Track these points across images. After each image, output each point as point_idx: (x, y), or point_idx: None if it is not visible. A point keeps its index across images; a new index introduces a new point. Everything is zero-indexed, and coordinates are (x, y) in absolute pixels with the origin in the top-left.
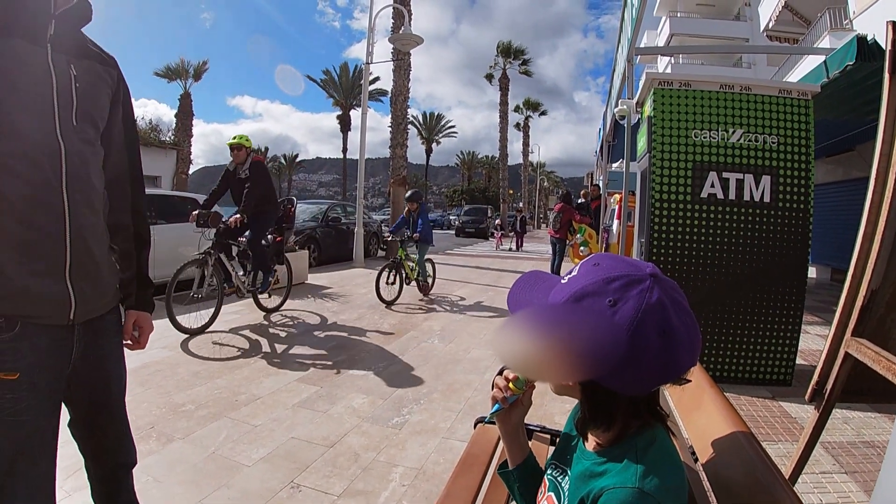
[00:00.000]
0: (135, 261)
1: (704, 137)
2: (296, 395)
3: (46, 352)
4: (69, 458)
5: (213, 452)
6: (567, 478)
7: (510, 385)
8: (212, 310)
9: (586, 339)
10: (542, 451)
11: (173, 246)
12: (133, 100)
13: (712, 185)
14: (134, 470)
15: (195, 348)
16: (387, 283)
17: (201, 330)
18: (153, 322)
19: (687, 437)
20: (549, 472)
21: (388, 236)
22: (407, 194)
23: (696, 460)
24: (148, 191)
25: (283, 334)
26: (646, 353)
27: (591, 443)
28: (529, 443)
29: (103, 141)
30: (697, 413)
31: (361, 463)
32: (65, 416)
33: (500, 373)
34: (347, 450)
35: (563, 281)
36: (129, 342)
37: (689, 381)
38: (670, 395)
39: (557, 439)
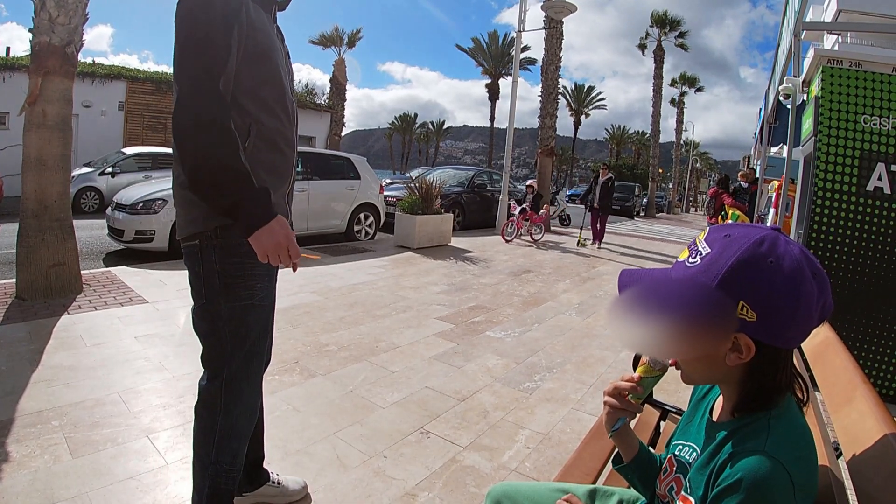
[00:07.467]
0: None
1: (874, 124)
2: (433, 348)
3: None
4: None
5: (351, 391)
6: (694, 452)
7: (639, 385)
8: None
9: (764, 298)
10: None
11: (326, 200)
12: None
13: (879, 178)
14: (276, 398)
15: (343, 296)
16: None
17: None
18: (314, 270)
19: (832, 431)
20: (675, 451)
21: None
22: None
23: (838, 456)
24: (305, 149)
25: (425, 291)
26: (809, 298)
27: (720, 413)
28: (664, 423)
29: None
30: (848, 408)
31: (490, 420)
32: None
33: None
34: (478, 406)
35: (688, 262)
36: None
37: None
38: (821, 386)
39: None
